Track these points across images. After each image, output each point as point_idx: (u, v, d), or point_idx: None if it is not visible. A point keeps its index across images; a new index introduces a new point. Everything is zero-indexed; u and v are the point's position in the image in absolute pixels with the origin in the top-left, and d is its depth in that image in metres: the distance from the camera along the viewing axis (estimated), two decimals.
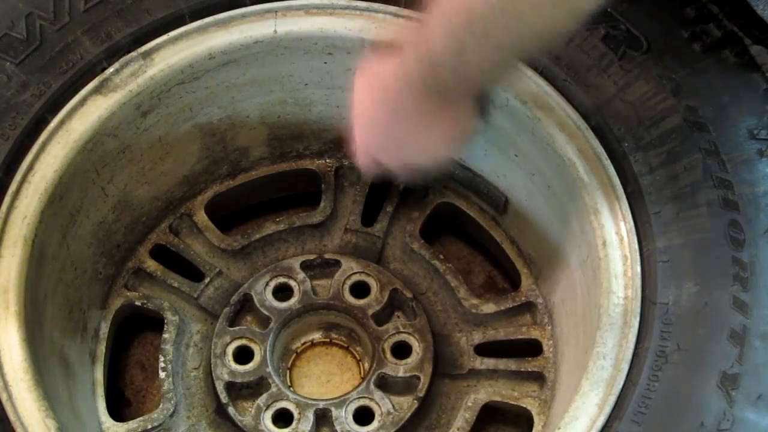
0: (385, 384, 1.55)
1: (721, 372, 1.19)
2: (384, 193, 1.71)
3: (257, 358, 1.57)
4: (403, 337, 1.58)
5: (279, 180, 1.76)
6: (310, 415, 1.51)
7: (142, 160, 1.57)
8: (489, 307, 1.61)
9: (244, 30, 1.47)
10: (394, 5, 1.46)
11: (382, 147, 1.29)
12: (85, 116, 1.41)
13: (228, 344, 1.58)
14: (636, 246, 1.30)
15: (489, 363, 1.57)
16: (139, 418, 1.52)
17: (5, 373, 1.25)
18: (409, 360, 1.56)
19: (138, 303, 1.62)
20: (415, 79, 1.14)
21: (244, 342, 1.58)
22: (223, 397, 1.53)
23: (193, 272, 1.66)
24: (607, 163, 1.35)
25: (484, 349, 1.58)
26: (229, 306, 1.61)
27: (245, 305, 1.64)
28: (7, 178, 1.35)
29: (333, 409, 1.52)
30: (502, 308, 1.61)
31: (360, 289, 1.63)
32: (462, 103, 1.22)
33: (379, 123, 1.24)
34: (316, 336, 1.67)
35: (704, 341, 1.21)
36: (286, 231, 1.70)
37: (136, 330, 1.71)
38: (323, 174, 1.72)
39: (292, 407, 1.53)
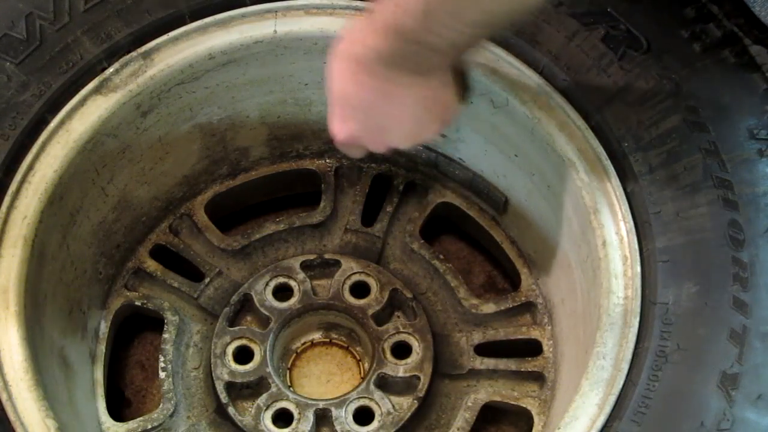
0: (385, 384, 1.55)
1: (721, 372, 1.19)
2: (384, 193, 1.71)
3: (257, 358, 1.57)
4: (403, 337, 1.58)
5: (279, 180, 1.76)
6: (310, 415, 1.51)
7: (142, 160, 1.57)
8: (489, 307, 1.61)
9: (244, 30, 1.47)
10: None
11: (362, 128, 1.24)
12: (85, 116, 1.41)
13: (228, 344, 1.58)
14: (636, 246, 1.30)
15: (489, 363, 1.57)
16: (139, 418, 1.52)
17: (5, 373, 1.25)
18: (409, 360, 1.56)
19: (138, 303, 1.62)
20: (386, 49, 1.10)
21: (244, 342, 1.58)
22: (223, 397, 1.53)
23: (193, 272, 1.66)
24: (607, 163, 1.35)
25: (484, 349, 1.58)
26: (229, 306, 1.61)
27: (245, 305, 1.64)
28: (7, 178, 1.35)
29: (333, 409, 1.52)
30: (502, 308, 1.61)
31: (360, 289, 1.63)
32: (438, 77, 1.19)
33: (356, 101, 1.19)
34: (316, 336, 1.67)
35: (704, 341, 1.21)
36: (286, 231, 1.70)
37: (136, 330, 1.71)
38: (323, 174, 1.72)
39: (292, 407, 1.53)
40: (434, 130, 1.29)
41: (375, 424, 1.52)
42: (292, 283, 1.63)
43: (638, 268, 1.29)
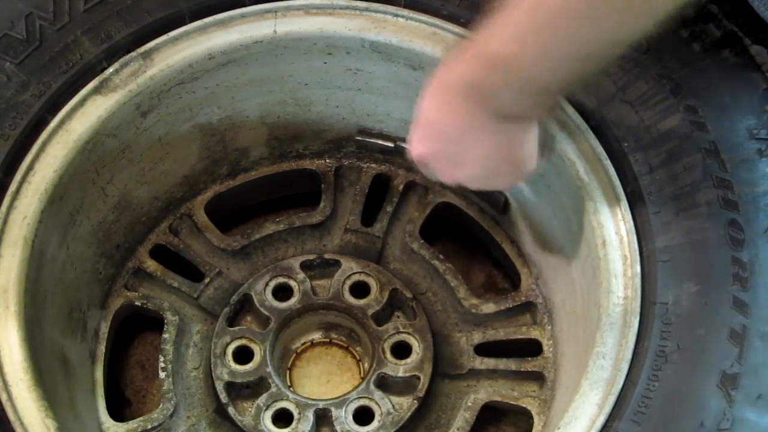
0: (385, 384, 1.55)
1: (721, 372, 1.19)
2: (384, 193, 1.71)
3: (257, 358, 1.57)
4: (403, 337, 1.58)
5: (279, 180, 1.76)
6: (310, 415, 1.51)
7: (142, 160, 1.57)
8: (489, 307, 1.61)
9: (244, 30, 1.47)
10: (394, 5, 1.46)
11: (435, 154, 1.21)
12: (85, 116, 1.41)
13: (228, 344, 1.58)
14: (636, 246, 1.30)
15: (489, 363, 1.57)
16: (139, 418, 1.52)
17: (5, 373, 1.25)
18: (409, 360, 1.56)
19: (138, 303, 1.62)
20: (474, 79, 1.08)
21: (244, 342, 1.58)
22: (223, 397, 1.53)
23: (193, 272, 1.66)
24: (607, 163, 1.35)
25: (484, 349, 1.58)
26: (229, 306, 1.61)
27: (245, 305, 1.64)
28: (7, 178, 1.35)
29: (333, 409, 1.52)
30: (502, 308, 1.61)
31: (360, 289, 1.63)
32: (522, 127, 1.17)
33: (438, 126, 1.17)
34: (316, 336, 1.67)
35: (704, 341, 1.21)
36: (286, 231, 1.70)
37: (136, 330, 1.71)
38: (323, 174, 1.72)
39: (292, 407, 1.53)
40: (507, 181, 1.28)
41: (375, 424, 1.52)
42: (292, 283, 1.63)
43: (638, 268, 1.29)
